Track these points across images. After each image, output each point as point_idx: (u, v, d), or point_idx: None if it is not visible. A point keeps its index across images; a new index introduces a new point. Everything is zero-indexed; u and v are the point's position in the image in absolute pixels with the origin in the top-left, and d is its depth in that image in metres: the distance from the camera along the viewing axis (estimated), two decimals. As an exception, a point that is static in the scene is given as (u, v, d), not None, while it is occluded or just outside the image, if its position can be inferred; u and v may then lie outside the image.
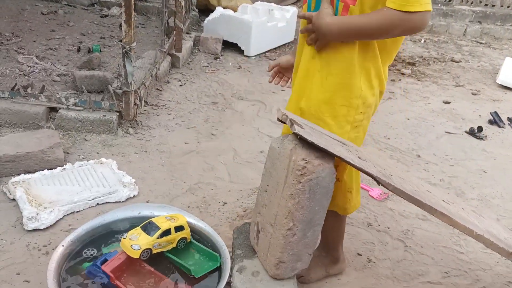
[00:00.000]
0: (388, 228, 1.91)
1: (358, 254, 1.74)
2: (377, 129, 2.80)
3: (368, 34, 1.18)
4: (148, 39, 3.62)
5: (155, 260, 1.31)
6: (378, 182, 1.09)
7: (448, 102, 3.33)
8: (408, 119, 3.00)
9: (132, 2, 2.12)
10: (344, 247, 1.75)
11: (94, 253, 1.31)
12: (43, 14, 3.82)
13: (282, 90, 3.21)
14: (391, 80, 3.65)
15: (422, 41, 4.88)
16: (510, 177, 2.41)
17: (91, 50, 3.17)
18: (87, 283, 1.23)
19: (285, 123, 1.15)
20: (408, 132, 2.81)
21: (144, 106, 2.60)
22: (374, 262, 1.71)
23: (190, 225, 1.41)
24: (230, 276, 1.25)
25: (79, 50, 3.19)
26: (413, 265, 1.72)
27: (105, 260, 1.21)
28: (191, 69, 3.34)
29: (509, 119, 3.10)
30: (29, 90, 2.37)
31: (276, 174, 1.15)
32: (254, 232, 1.29)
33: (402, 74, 3.83)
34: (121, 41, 2.16)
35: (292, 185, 1.08)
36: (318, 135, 1.14)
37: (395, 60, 4.13)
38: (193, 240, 1.39)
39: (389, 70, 3.81)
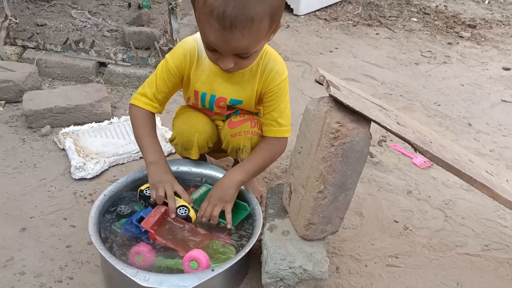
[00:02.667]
0: (429, 197, 1.86)
1: (395, 221, 1.72)
2: (427, 94, 2.68)
3: (263, 168, 1.42)
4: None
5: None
6: (415, 149, 1.05)
7: (508, 69, 3.12)
8: (463, 85, 2.84)
9: (179, -43, 2.10)
10: (381, 213, 1.74)
11: (128, 210, 1.37)
12: (97, -32, 3.88)
13: (330, 51, 3.13)
14: (448, 43, 3.45)
15: (486, 1, 4.54)
16: None
17: (141, 6, 3.20)
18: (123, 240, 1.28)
19: (322, 84, 1.12)
20: (461, 99, 2.67)
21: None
22: (410, 230, 1.68)
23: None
24: (261, 233, 1.27)
25: (129, 6, 3.23)
26: (452, 235, 1.68)
27: (142, 218, 1.26)
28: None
29: None
30: (80, 44, 2.45)
31: (310, 136, 1.13)
32: (286, 192, 1.30)
33: (461, 37, 3.60)
34: (168, -2, 2.16)
35: (325, 148, 1.06)
36: (356, 98, 1.11)
37: (454, 22, 3.89)
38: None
39: (447, 32, 3.62)
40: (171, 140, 1.51)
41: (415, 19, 3.87)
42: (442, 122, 2.42)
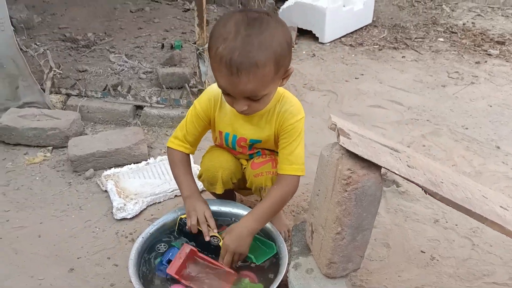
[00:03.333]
0: (456, 225, 1.88)
1: (422, 251, 1.75)
2: (454, 118, 2.70)
3: (277, 211, 1.50)
4: (226, 31, 3.76)
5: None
6: (426, 191, 1.12)
7: (540, 86, 3.08)
8: (491, 106, 2.84)
9: (204, 5, 2.26)
10: (408, 244, 1.78)
11: (165, 248, 1.50)
12: (132, 12, 4.15)
13: (355, 78, 3.20)
14: (476, 62, 3.44)
15: (517, 15, 4.48)
16: None
17: (173, 46, 3.40)
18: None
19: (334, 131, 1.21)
20: (489, 121, 2.67)
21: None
22: (437, 260, 1.72)
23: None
24: (286, 271, 1.36)
25: (162, 46, 3.44)
26: (479, 264, 1.70)
27: (170, 260, 1.37)
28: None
29: None
30: (119, 88, 2.64)
31: (325, 180, 1.22)
32: (308, 231, 1.38)
33: (489, 55, 3.58)
34: (195, 43, 2.31)
35: (339, 193, 1.14)
36: (366, 144, 1.19)
37: (482, 39, 3.87)
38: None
39: (474, 51, 3.61)
40: (199, 176, 1.67)
41: (441, 39, 3.88)
42: (469, 146, 2.43)
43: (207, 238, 1.41)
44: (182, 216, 1.50)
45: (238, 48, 1.15)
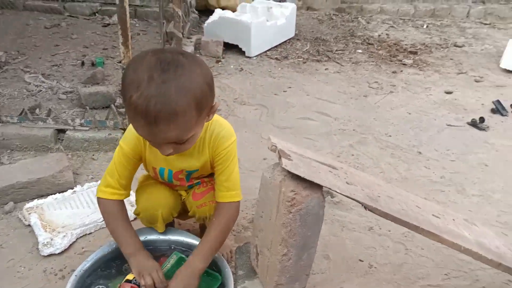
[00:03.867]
0: (389, 231, 1.96)
1: (360, 260, 1.80)
2: (378, 126, 2.83)
3: (222, 242, 1.41)
4: (149, 46, 3.67)
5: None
6: (365, 207, 1.15)
7: (450, 92, 3.34)
8: (410, 113, 3.03)
9: (128, 23, 2.18)
10: (347, 254, 1.82)
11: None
12: (47, 28, 3.91)
13: (284, 91, 3.26)
14: (393, 72, 3.66)
15: (425, 26, 4.85)
16: (511, 168, 2.44)
17: (94, 63, 3.24)
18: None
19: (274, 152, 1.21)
20: (409, 128, 2.84)
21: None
22: (375, 267, 1.77)
23: (192, 246, 1.50)
24: (233, 297, 1.32)
25: (83, 64, 3.26)
26: (414, 268, 1.78)
27: None
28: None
29: (512, 106, 3.10)
30: (37, 111, 2.45)
31: (269, 203, 1.21)
32: (253, 254, 1.36)
33: (404, 64, 3.83)
34: (120, 62, 2.22)
35: (284, 214, 1.14)
36: (306, 164, 1.20)
37: (396, 50, 4.13)
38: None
39: (390, 61, 3.84)
40: (137, 214, 1.55)
41: (360, 51, 4.09)
42: (394, 153, 2.56)
43: None
44: (129, 277, 1.36)
45: (153, 96, 1.04)
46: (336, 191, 1.12)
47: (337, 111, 3.00)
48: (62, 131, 2.36)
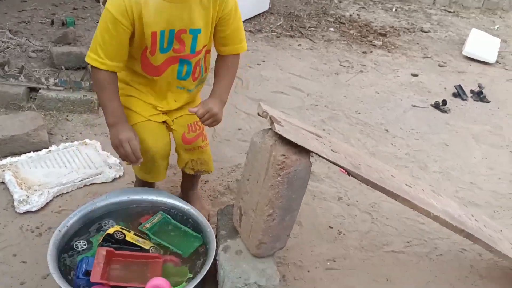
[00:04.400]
0: (357, 201, 2.08)
1: (330, 227, 1.91)
2: (348, 104, 2.93)
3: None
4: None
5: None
6: (349, 173, 1.23)
7: (416, 75, 3.48)
8: (378, 93, 3.14)
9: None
10: (317, 221, 1.92)
11: (85, 245, 1.41)
12: (11, -18, 3.71)
13: (258, 64, 3.29)
14: (363, 52, 3.77)
15: (394, 9, 4.98)
16: (469, 149, 2.61)
17: (65, 23, 3.13)
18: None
19: (265, 118, 1.26)
20: (378, 107, 2.95)
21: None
22: (344, 234, 1.88)
23: (178, 208, 1.54)
24: (216, 254, 1.38)
25: (52, 23, 3.15)
26: (379, 236, 1.90)
27: (87, 272, 1.27)
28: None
29: (472, 91, 3.28)
30: (6, 68, 2.37)
31: (257, 166, 1.26)
32: (237, 215, 1.42)
33: (374, 45, 3.94)
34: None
35: (272, 177, 1.20)
36: (295, 130, 1.26)
37: (367, 31, 4.23)
38: (176, 222, 1.51)
39: (361, 41, 3.94)
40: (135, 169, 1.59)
41: (332, 29, 4.16)
42: (363, 129, 2.67)
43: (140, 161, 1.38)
44: (111, 231, 1.38)
45: None
46: (324, 157, 1.19)
47: (310, 87, 3.07)
48: (35, 89, 2.30)
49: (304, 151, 1.21)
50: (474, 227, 1.47)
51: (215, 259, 1.39)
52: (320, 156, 1.20)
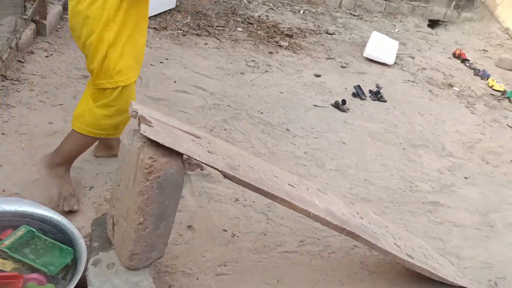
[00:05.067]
0: (254, 202, 2.05)
1: (224, 230, 1.85)
2: (252, 103, 2.91)
3: None
4: (9, 1, 3.26)
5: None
6: (224, 175, 1.17)
7: (318, 75, 3.56)
8: (282, 92, 3.16)
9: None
10: (212, 224, 1.86)
11: None
12: None
13: (160, 62, 3.16)
14: (269, 52, 3.78)
15: (301, 12, 5.08)
16: (366, 147, 2.70)
17: None
18: None
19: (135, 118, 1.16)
20: (280, 106, 2.96)
21: (2, 81, 2.38)
22: (238, 236, 1.84)
23: (46, 219, 1.39)
24: (85, 269, 1.26)
25: None
26: (273, 236, 1.88)
27: None
28: (60, 37, 3.10)
29: (370, 91, 3.42)
30: None
31: (127, 170, 1.16)
32: (110, 224, 1.31)
33: (280, 46, 3.97)
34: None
35: (141, 182, 1.11)
36: (168, 131, 1.18)
37: (274, 31, 4.27)
38: (42, 236, 1.36)
39: (268, 42, 3.96)
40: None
41: (240, 29, 4.13)
42: (264, 129, 2.66)
43: None
44: None
45: None
46: (196, 159, 1.12)
47: (214, 86, 3.01)
48: None
49: (175, 154, 1.13)
50: (357, 224, 1.49)
51: (84, 274, 1.26)
52: (193, 158, 1.12)
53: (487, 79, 4.14)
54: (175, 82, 2.92)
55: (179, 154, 1.14)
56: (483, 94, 3.86)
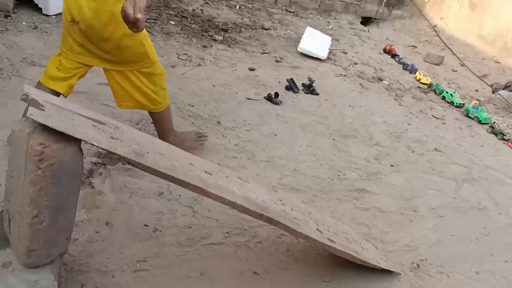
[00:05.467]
0: (180, 195, 1.98)
1: (145, 225, 1.77)
2: (182, 96, 2.84)
3: None
4: None
5: None
6: (128, 162, 1.10)
7: (253, 69, 3.54)
8: (214, 86, 3.11)
9: None
10: (132, 220, 1.77)
11: None
12: None
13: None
14: (203, 46, 3.71)
15: (238, 7, 5.05)
16: (297, 138, 2.70)
17: None
18: None
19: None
20: (212, 99, 2.91)
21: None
22: (160, 231, 1.76)
23: None
24: (-22, 271, 1.15)
25: None
26: (198, 229, 1.83)
27: None
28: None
29: (303, 85, 3.44)
30: None
31: (18, 159, 1.07)
32: (6, 220, 1.20)
33: (214, 40, 3.92)
34: None
35: (32, 171, 1.01)
36: (64, 116, 1.09)
37: (209, 25, 4.21)
38: None
39: (202, 36, 3.89)
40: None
41: (173, 22, 4.04)
42: (195, 122, 2.59)
43: None
44: None
45: None
46: (94, 144, 1.04)
47: (141, 80, 2.89)
48: None
49: (72, 140, 1.05)
50: (278, 210, 1.46)
51: (-24, 277, 1.15)
52: (90, 143, 1.04)
53: (415, 73, 4.31)
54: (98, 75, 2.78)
55: (76, 141, 1.06)
56: (411, 87, 4.01)
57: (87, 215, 1.74)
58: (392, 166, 2.62)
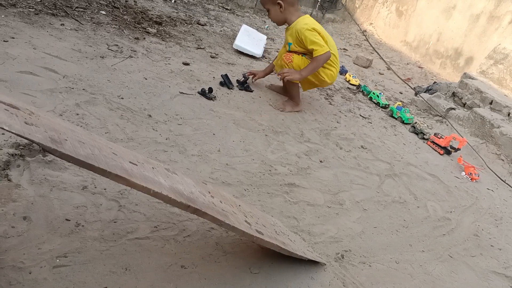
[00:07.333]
0: (105, 189, 1.90)
1: (67, 219, 1.68)
2: (111, 88, 2.73)
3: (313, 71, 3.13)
4: None
5: None
6: (43, 148, 1.03)
7: (187, 64, 3.49)
8: (146, 79, 3.03)
9: None
10: (52, 214, 1.68)
11: None
12: None
13: (4, 41, 2.81)
14: (135, 38, 3.61)
15: (173, 1, 4.96)
16: (230, 133, 2.70)
17: None
18: None
19: None
20: (144, 92, 2.83)
21: None
22: (83, 225, 1.68)
23: None
24: None
25: None
26: (124, 223, 1.76)
27: None
28: None
29: (237, 81, 3.45)
30: None
31: None
32: None
33: (148, 32, 3.82)
34: None
35: None
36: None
37: (142, 18, 4.09)
38: None
39: (135, 28, 3.78)
40: None
41: (104, 12, 3.88)
42: (124, 114, 2.51)
43: None
44: None
45: None
46: (4, 128, 0.97)
47: (68, 69, 2.76)
48: None
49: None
50: (205, 202, 1.45)
51: None
52: (1, 128, 0.97)
53: (345, 74, 4.48)
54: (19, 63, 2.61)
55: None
56: (341, 87, 4.16)
57: (2, 209, 1.62)
58: (321, 162, 2.70)
